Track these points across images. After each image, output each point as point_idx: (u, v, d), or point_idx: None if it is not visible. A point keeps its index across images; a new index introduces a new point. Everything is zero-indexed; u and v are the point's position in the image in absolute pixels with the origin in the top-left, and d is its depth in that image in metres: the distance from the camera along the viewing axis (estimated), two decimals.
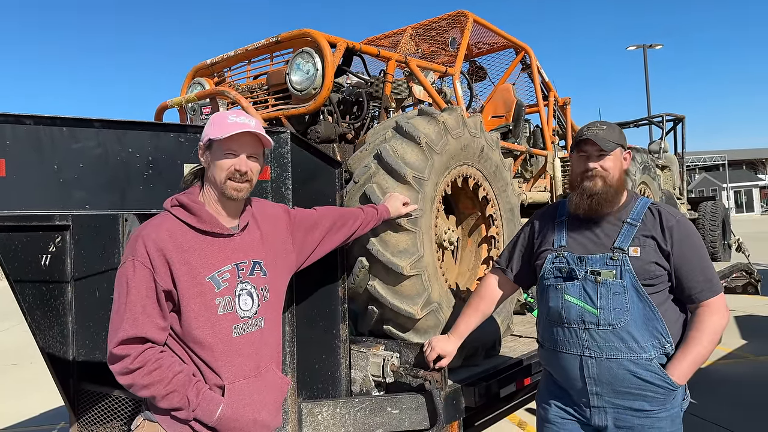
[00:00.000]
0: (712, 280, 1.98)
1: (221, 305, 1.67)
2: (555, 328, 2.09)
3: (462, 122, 2.94)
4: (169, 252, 1.63)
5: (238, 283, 1.71)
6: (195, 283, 1.64)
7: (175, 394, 1.58)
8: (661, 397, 1.95)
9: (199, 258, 1.67)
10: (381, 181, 2.60)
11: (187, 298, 1.63)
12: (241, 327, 1.71)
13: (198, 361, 1.66)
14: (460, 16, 4.47)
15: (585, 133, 2.06)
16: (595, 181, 2.03)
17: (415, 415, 2.47)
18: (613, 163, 2.04)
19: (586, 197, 2.03)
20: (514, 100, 5.12)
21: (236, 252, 1.74)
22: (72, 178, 2.03)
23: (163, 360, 1.59)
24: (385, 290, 2.61)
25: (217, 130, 1.70)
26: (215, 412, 1.61)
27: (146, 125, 2.17)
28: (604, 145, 2.01)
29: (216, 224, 1.72)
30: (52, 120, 2.01)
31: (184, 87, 3.88)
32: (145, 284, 1.59)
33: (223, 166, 1.71)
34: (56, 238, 3.02)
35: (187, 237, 1.68)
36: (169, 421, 1.64)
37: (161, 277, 1.61)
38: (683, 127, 8.57)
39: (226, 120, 1.71)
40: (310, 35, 3.15)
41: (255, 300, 1.74)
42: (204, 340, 1.65)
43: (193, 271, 1.65)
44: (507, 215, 3.38)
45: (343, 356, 2.57)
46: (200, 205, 1.73)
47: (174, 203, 1.74)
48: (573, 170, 2.14)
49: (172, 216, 1.71)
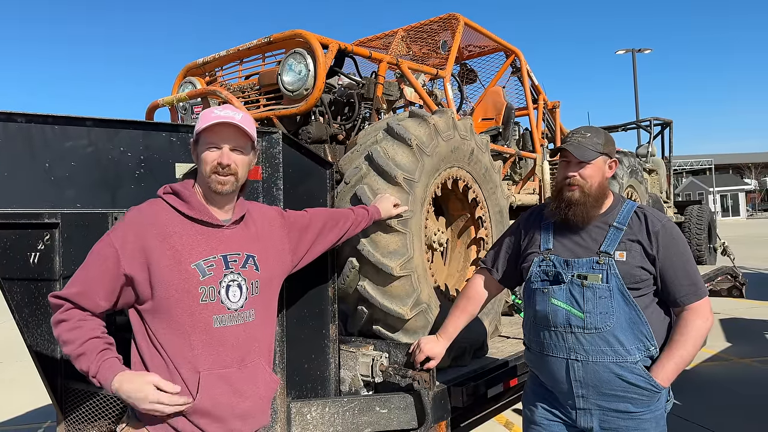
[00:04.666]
0: (697, 284, 2.00)
1: (204, 294, 1.66)
2: (542, 332, 2.10)
3: (453, 125, 2.97)
4: (151, 238, 1.64)
5: (226, 273, 1.71)
6: (179, 270, 1.64)
7: (83, 358, 1.59)
8: (645, 399, 1.97)
9: (185, 244, 1.67)
10: (372, 183, 2.62)
11: (167, 284, 1.63)
12: (226, 318, 1.70)
13: (171, 346, 1.65)
14: (452, 19, 4.50)
15: (567, 141, 2.07)
16: (573, 191, 2.03)
17: (403, 415, 2.48)
18: (592, 171, 2.03)
19: (564, 206, 2.05)
20: (504, 103, 5.16)
21: (227, 243, 1.74)
22: (63, 176, 2.03)
23: (85, 322, 1.63)
24: (374, 291, 2.63)
25: (201, 123, 1.72)
26: (110, 380, 1.57)
27: (138, 124, 2.18)
28: (582, 155, 2.01)
29: (206, 213, 1.73)
30: (44, 118, 2.01)
31: (175, 86, 3.87)
32: (104, 262, 1.63)
33: (206, 159, 1.72)
34: (45, 236, 3.00)
35: (174, 222, 1.69)
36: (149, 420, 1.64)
37: (128, 261, 1.63)
38: (671, 132, 8.66)
39: (211, 113, 1.73)
40: (302, 36, 3.16)
41: (244, 293, 1.74)
42: (182, 327, 1.65)
43: (177, 256, 1.65)
44: (496, 217, 3.41)
45: (333, 356, 2.58)
46: (192, 193, 1.74)
47: (167, 190, 1.76)
48: (556, 176, 2.15)
49: (164, 202, 1.73)
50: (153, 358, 1.68)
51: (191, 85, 3.76)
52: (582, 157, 2.01)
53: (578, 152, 2.02)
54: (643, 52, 23.74)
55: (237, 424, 1.72)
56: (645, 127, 8.67)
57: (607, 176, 2.08)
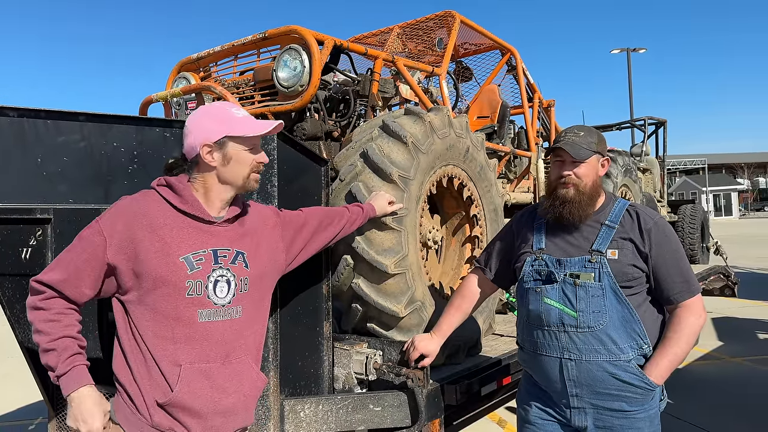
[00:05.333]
0: (690, 281, 2.00)
1: (191, 288, 1.65)
2: (535, 331, 2.10)
3: (448, 122, 2.96)
4: (140, 228, 1.64)
5: (215, 268, 1.70)
6: (166, 262, 1.64)
7: (53, 354, 1.58)
8: (639, 397, 1.98)
9: (175, 237, 1.67)
10: (367, 180, 2.61)
11: (153, 275, 1.63)
12: (212, 313, 1.69)
13: (153, 339, 1.64)
14: (448, 17, 4.49)
15: (561, 140, 2.07)
16: (568, 189, 2.04)
17: (397, 413, 2.48)
18: (586, 170, 2.04)
19: (559, 204, 2.05)
20: (500, 102, 5.16)
21: (217, 238, 1.73)
22: (56, 171, 2.02)
23: (63, 317, 1.62)
24: (369, 288, 2.62)
25: (237, 128, 1.72)
26: (72, 388, 1.57)
27: (132, 119, 2.16)
28: (577, 153, 2.02)
29: (199, 208, 1.72)
30: (36, 112, 2.00)
31: (169, 81, 3.85)
32: (92, 249, 1.62)
33: (247, 160, 1.75)
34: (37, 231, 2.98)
35: (166, 214, 1.69)
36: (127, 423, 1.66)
37: (114, 250, 1.62)
38: (665, 131, 8.69)
39: (233, 115, 1.73)
40: (297, 32, 3.15)
41: (232, 289, 1.73)
42: (166, 319, 1.64)
43: (166, 248, 1.64)
44: (491, 215, 3.40)
45: (326, 354, 2.58)
46: (186, 187, 1.73)
47: (161, 182, 1.75)
48: (550, 175, 2.15)
49: (156, 193, 1.72)
50: (133, 352, 1.67)
51: (185, 81, 3.73)
52: (577, 156, 2.02)
53: (573, 151, 2.02)
54: (637, 52, 23.82)
55: (218, 420, 1.71)
56: (639, 126, 8.71)
57: (600, 174, 2.10)
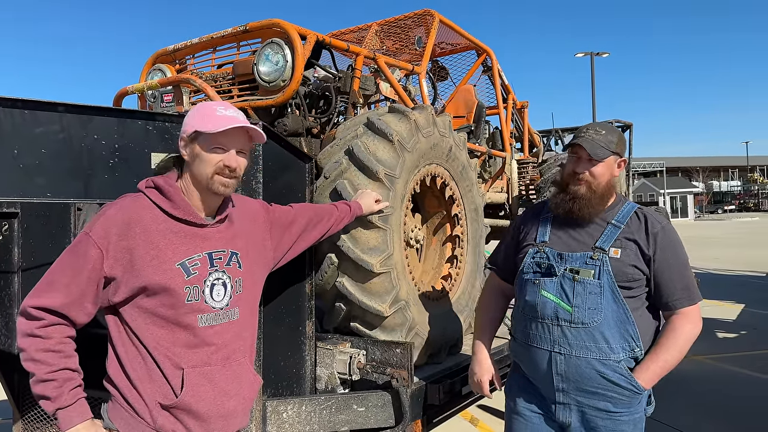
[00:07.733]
0: (691, 290, 2.02)
1: (189, 294, 1.61)
2: (529, 322, 2.11)
3: (432, 121, 2.95)
4: (135, 237, 1.57)
5: (211, 272, 1.66)
6: (163, 269, 1.58)
7: (52, 384, 1.52)
8: (626, 399, 1.99)
9: (169, 243, 1.61)
10: (352, 177, 2.58)
11: (150, 284, 1.57)
12: (211, 317, 1.65)
13: (154, 346, 1.60)
14: (427, 15, 4.47)
15: (581, 136, 2.06)
16: (580, 186, 2.04)
17: (381, 413, 2.46)
18: (602, 170, 2.04)
19: (569, 199, 2.05)
20: (476, 102, 5.18)
21: (211, 241, 1.68)
22: (33, 164, 1.93)
23: (64, 347, 1.55)
24: (353, 287, 2.59)
25: (207, 123, 1.62)
26: (74, 423, 1.53)
27: (113, 111, 2.09)
28: (594, 152, 2.01)
29: (190, 212, 1.66)
30: (13, 102, 1.90)
31: (143, 73, 3.74)
32: (91, 266, 1.55)
33: (211, 160, 1.64)
34: (3, 226, 2.86)
35: (158, 220, 1.62)
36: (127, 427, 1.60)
37: (111, 262, 1.55)
38: (630, 134, 8.86)
39: (215, 112, 1.64)
40: (280, 26, 3.09)
41: (228, 291, 1.69)
42: (166, 326, 1.60)
43: (161, 256, 1.59)
44: (471, 215, 3.41)
45: (309, 353, 2.54)
46: (176, 190, 1.66)
47: (149, 185, 1.67)
48: (564, 168, 2.14)
49: (145, 198, 1.65)
50: (129, 357, 1.61)
51: (161, 73, 3.63)
52: (594, 155, 2.01)
53: (591, 149, 2.01)
54: (601, 56, 24.28)
55: (219, 423, 1.67)
56: None
57: (615, 175, 2.09)
